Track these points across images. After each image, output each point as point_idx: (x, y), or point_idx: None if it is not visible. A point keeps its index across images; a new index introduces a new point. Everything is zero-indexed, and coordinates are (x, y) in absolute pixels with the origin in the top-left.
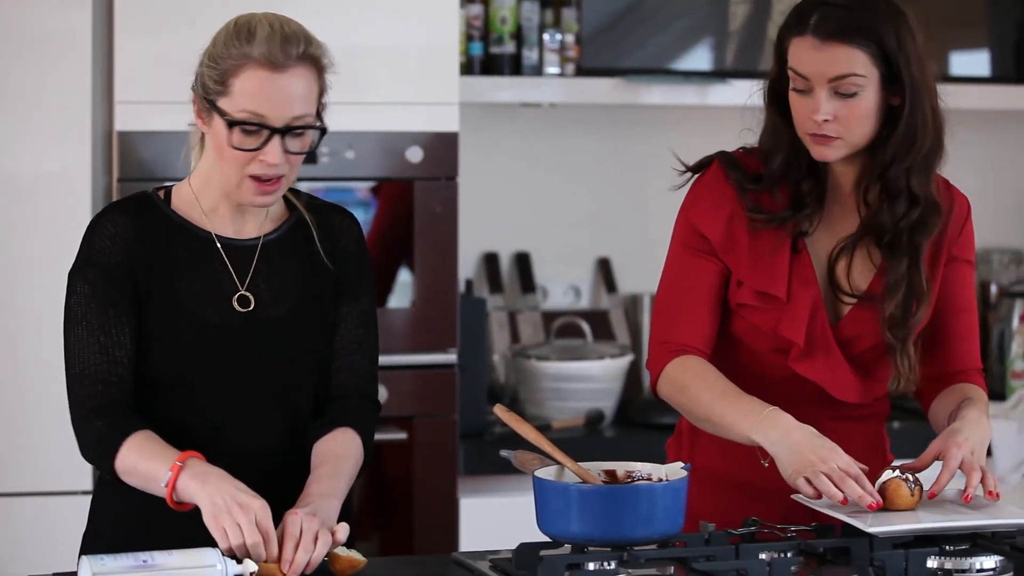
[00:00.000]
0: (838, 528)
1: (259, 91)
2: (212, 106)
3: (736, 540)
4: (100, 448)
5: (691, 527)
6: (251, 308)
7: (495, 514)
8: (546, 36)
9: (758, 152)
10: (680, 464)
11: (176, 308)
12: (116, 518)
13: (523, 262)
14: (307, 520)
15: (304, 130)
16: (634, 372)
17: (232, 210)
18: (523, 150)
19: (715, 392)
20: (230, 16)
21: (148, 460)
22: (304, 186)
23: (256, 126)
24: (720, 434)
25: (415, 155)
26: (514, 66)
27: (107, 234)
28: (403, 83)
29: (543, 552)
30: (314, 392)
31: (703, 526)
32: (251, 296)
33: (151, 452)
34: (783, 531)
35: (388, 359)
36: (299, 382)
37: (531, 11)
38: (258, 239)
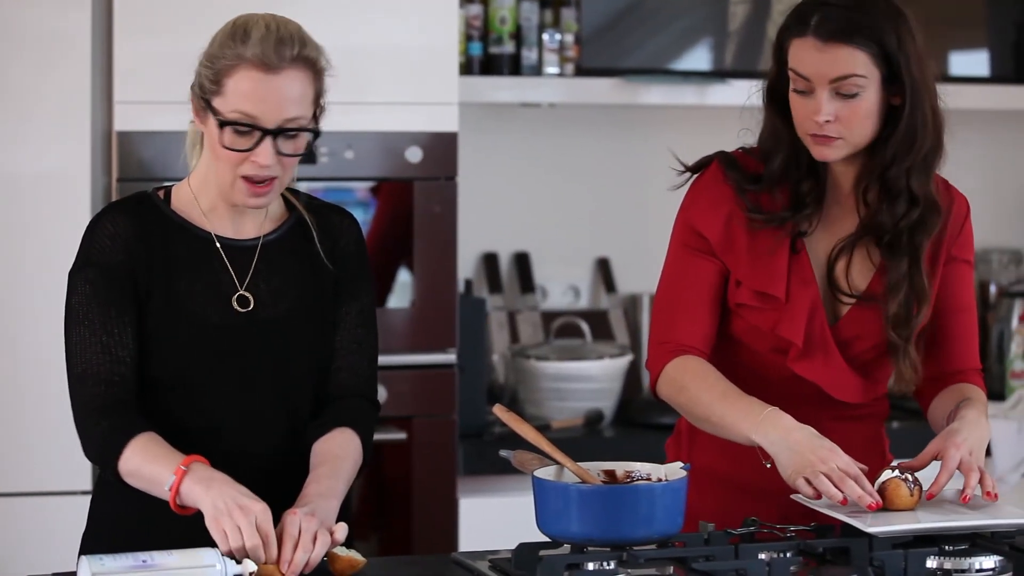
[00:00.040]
0: (837, 528)
1: (252, 92)
2: (207, 105)
3: (735, 540)
4: (104, 449)
5: (690, 527)
6: (251, 308)
7: (494, 514)
8: (545, 36)
9: (757, 152)
10: (679, 464)
11: (176, 308)
12: (116, 518)
13: (522, 262)
14: (306, 520)
15: (298, 132)
16: (633, 372)
17: (230, 210)
18: (522, 150)
19: (715, 392)
20: (229, 16)
21: (152, 463)
22: (303, 186)
23: (248, 127)
24: (720, 434)
25: (414, 155)
26: (513, 66)
27: (107, 234)
28: (402, 83)
29: (542, 552)
30: (313, 392)
31: (702, 526)
32: (251, 296)
33: (155, 455)
34: (782, 531)
35: (387, 359)
36: (298, 382)
37: (530, 11)
38: (258, 239)
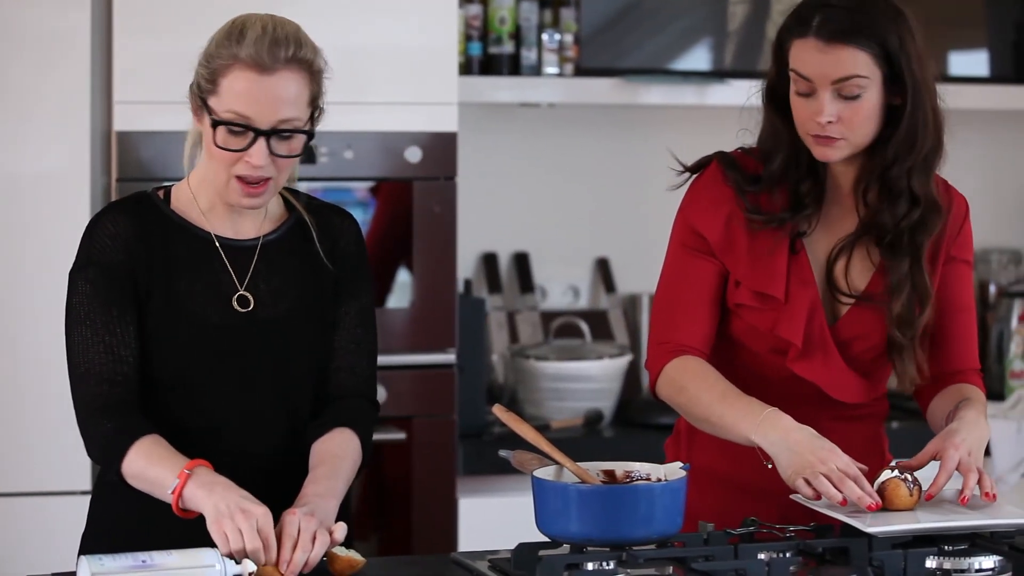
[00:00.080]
0: (837, 528)
1: (246, 92)
2: (204, 104)
3: (735, 540)
4: (107, 450)
5: (690, 527)
6: (250, 308)
7: (494, 514)
8: (545, 36)
9: (756, 152)
10: (679, 464)
11: (176, 308)
12: (115, 518)
13: (522, 262)
14: (305, 520)
15: (292, 134)
16: (633, 372)
17: (229, 210)
18: (522, 150)
19: (714, 393)
20: (229, 16)
21: (155, 466)
22: (303, 186)
23: (242, 127)
24: (719, 435)
25: (414, 155)
26: (513, 66)
27: (107, 233)
28: (402, 83)
29: (542, 552)
30: (313, 392)
31: (702, 526)
32: (250, 296)
33: (159, 458)
34: (782, 531)
35: (387, 359)
36: (298, 382)
37: (530, 11)
38: (257, 239)
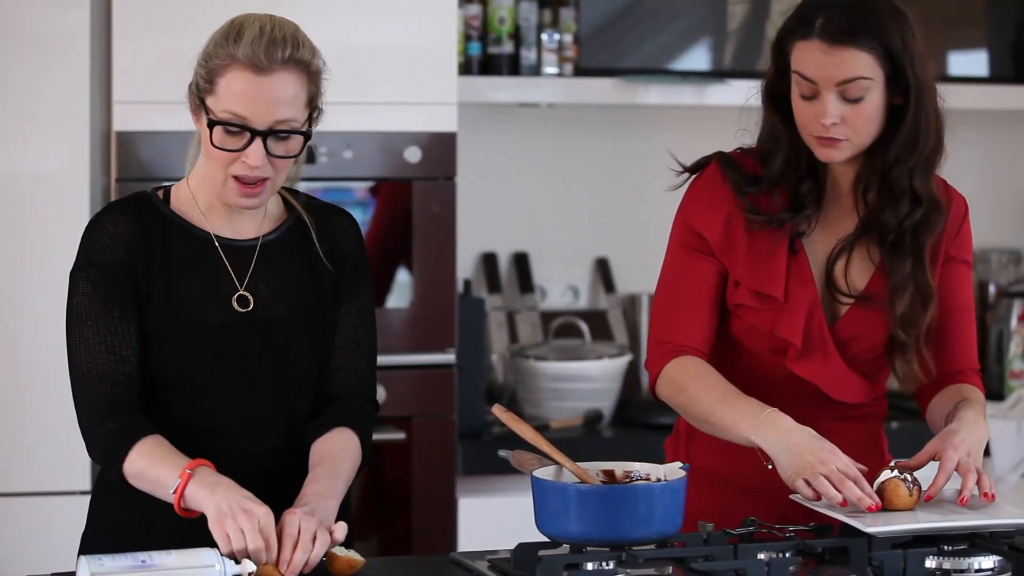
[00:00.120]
0: (836, 528)
1: (242, 92)
2: (202, 104)
3: (734, 540)
4: (109, 450)
5: (689, 527)
6: (250, 308)
7: (493, 514)
8: (544, 36)
9: (755, 152)
10: (679, 464)
11: (176, 308)
12: (115, 518)
13: (521, 262)
14: (305, 520)
15: (289, 134)
16: (632, 372)
17: (228, 210)
18: (521, 150)
19: (714, 393)
20: (228, 16)
21: (157, 466)
22: (302, 186)
23: (238, 127)
24: (719, 435)
25: (413, 155)
26: (512, 66)
27: (107, 233)
28: (401, 83)
29: (541, 552)
30: (313, 392)
31: (701, 526)
32: (250, 296)
33: (160, 457)
34: (781, 531)
35: (386, 359)
36: (298, 382)
37: (529, 11)
38: (257, 239)
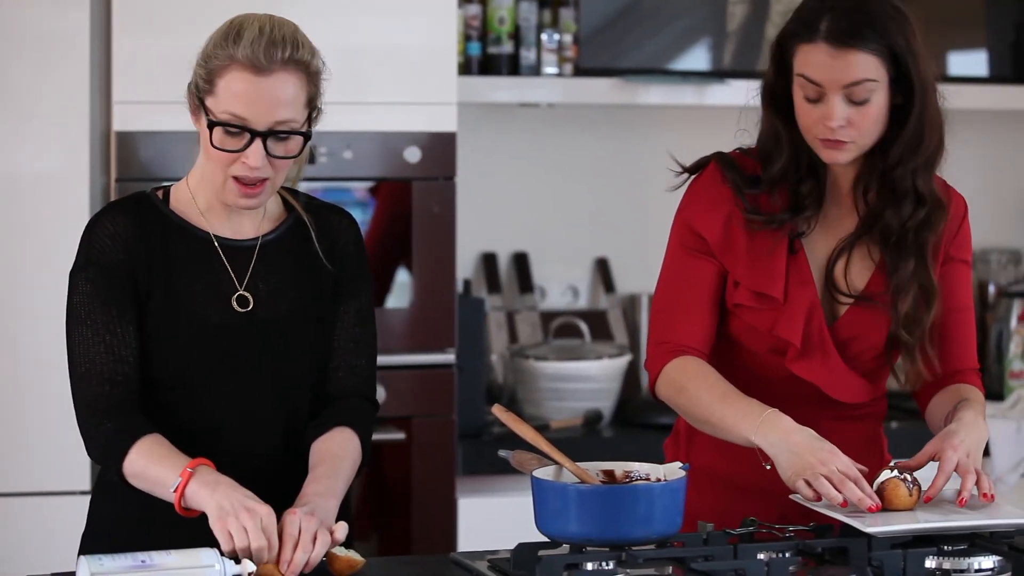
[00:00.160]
0: (836, 528)
1: (242, 93)
2: (201, 104)
3: (734, 540)
4: (108, 450)
5: (689, 527)
6: (250, 308)
7: (493, 514)
8: (544, 36)
9: (755, 152)
10: (678, 464)
11: (175, 308)
12: (115, 519)
13: (521, 262)
14: (305, 520)
15: (289, 135)
16: (632, 372)
17: (227, 210)
18: (521, 150)
19: (714, 393)
20: (228, 16)
21: (157, 465)
22: (302, 186)
23: (238, 128)
24: (719, 435)
25: (413, 155)
26: (512, 66)
27: (107, 233)
28: (401, 83)
29: (541, 552)
30: (313, 392)
31: (701, 526)
32: (250, 296)
33: (160, 457)
34: (781, 531)
35: (386, 359)
36: (298, 382)
37: (529, 11)
38: (256, 239)
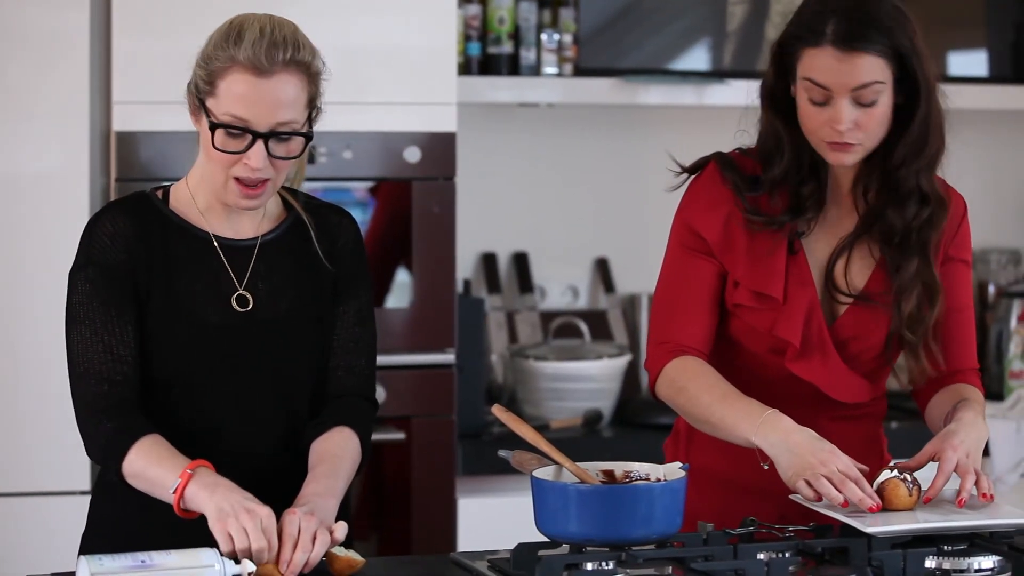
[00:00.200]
0: (836, 528)
1: (244, 95)
2: (201, 105)
3: (734, 540)
4: (108, 450)
5: (689, 527)
6: (249, 308)
7: (493, 514)
8: (544, 36)
9: (755, 153)
10: (678, 464)
11: (175, 308)
12: (115, 520)
13: (521, 262)
14: (305, 519)
15: (290, 136)
16: (632, 372)
17: (227, 209)
18: (521, 150)
19: (714, 394)
20: (227, 16)
21: (157, 466)
22: (302, 186)
23: (239, 130)
24: (718, 435)
25: (413, 155)
26: (512, 66)
27: (107, 233)
28: (401, 83)
29: (541, 552)
30: (313, 392)
31: (701, 526)
32: (249, 296)
33: (159, 457)
34: (781, 531)
35: (386, 359)
36: (298, 382)
37: (529, 11)
38: (256, 239)
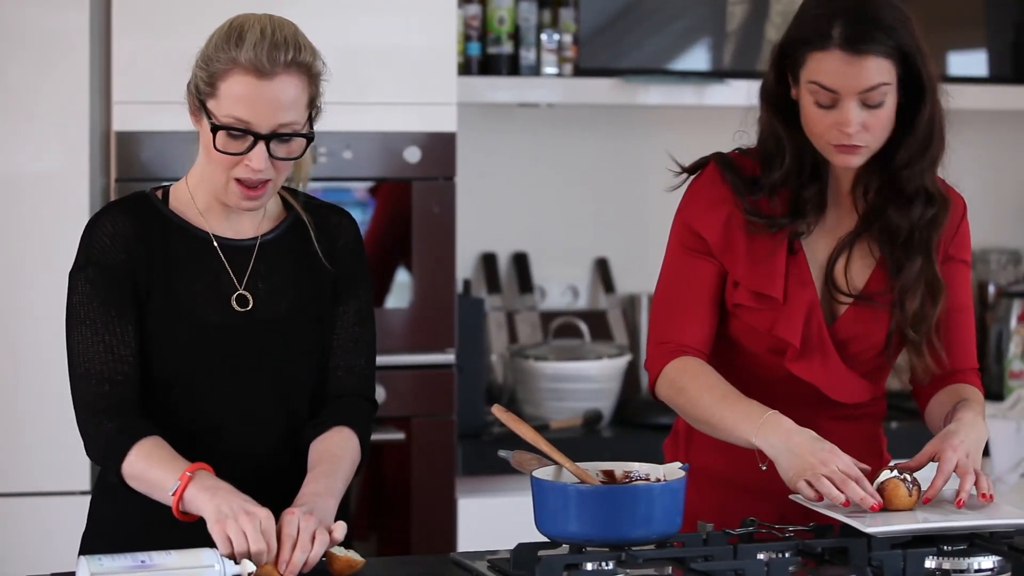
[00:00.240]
0: (836, 528)
1: (245, 97)
2: (202, 106)
3: (734, 540)
4: (108, 451)
5: (689, 527)
6: (249, 308)
7: (493, 514)
8: (544, 36)
9: (754, 153)
10: (678, 464)
11: (175, 308)
12: (115, 521)
13: (521, 262)
14: (304, 519)
15: (291, 137)
16: (632, 372)
17: (226, 209)
18: (521, 150)
19: (714, 394)
20: (227, 16)
21: (156, 468)
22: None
23: (241, 131)
24: (718, 436)
25: (413, 155)
26: (512, 66)
27: (107, 233)
28: (401, 83)
29: (541, 552)
30: (312, 392)
31: (701, 526)
32: (249, 296)
33: (159, 460)
34: (781, 531)
35: (386, 359)
36: (298, 382)
37: (529, 11)
38: (255, 239)
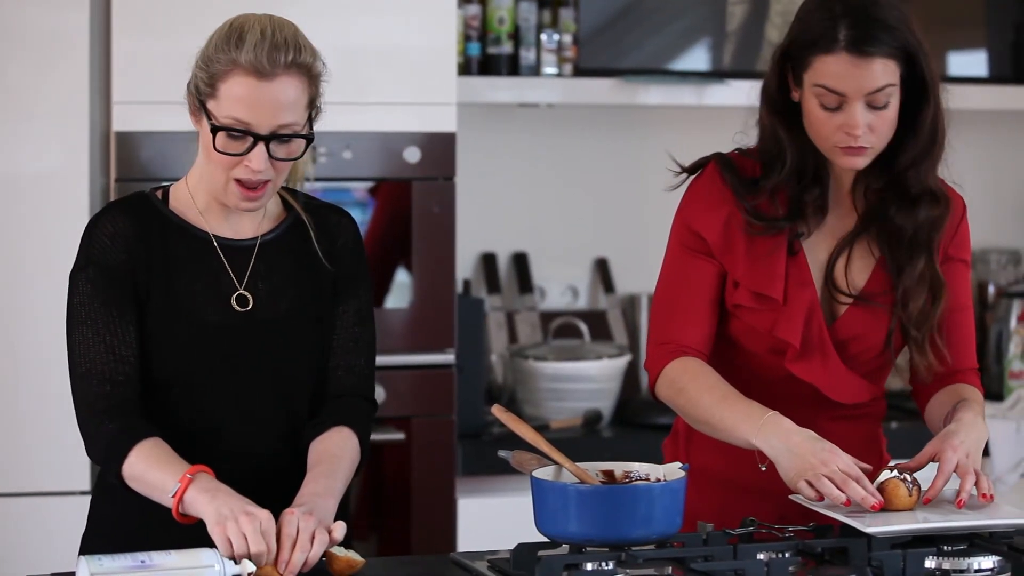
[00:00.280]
0: (836, 528)
1: (245, 98)
2: (202, 106)
3: (734, 540)
4: (108, 452)
5: (689, 527)
6: (249, 308)
7: (493, 514)
8: (544, 36)
9: (754, 153)
10: (678, 464)
11: (175, 308)
12: (115, 521)
13: (521, 262)
14: (303, 519)
15: (291, 137)
16: (632, 372)
17: (226, 209)
18: (521, 150)
19: (715, 395)
20: (227, 16)
21: (156, 469)
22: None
23: (241, 132)
24: (718, 437)
25: (413, 155)
26: (512, 66)
27: (107, 233)
28: (401, 83)
29: (541, 552)
30: (312, 392)
31: (701, 526)
32: (249, 296)
33: (160, 461)
34: (781, 531)
35: (386, 359)
36: (297, 382)
37: (529, 11)
38: (255, 239)
